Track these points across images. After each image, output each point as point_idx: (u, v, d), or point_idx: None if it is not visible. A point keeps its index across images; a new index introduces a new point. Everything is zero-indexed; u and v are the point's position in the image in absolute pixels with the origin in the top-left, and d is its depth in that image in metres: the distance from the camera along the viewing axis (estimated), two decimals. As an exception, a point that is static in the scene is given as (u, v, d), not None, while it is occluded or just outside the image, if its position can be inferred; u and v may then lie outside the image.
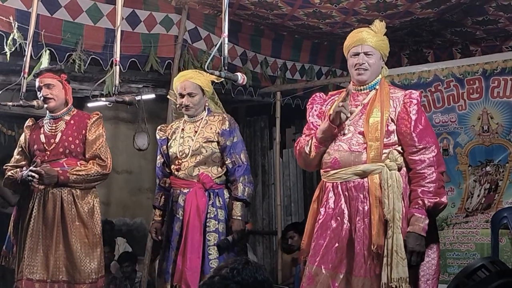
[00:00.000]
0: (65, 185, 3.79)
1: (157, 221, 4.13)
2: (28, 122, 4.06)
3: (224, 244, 3.85)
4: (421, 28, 5.80)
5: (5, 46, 4.25)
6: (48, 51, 4.46)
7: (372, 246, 2.99)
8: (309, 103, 3.42)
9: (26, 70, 4.03)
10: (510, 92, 5.07)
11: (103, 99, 3.85)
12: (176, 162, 3.98)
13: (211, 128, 3.96)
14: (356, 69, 3.19)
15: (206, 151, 3.91)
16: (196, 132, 3.96)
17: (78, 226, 3.80)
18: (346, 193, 3.11)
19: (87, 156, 3.89)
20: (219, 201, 3.93)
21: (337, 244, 3.08)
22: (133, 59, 4.99)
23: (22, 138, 4.04)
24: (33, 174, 3.70)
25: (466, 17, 5.50)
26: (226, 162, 3.94)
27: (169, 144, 4.07)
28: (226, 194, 3.97)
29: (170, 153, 4.04)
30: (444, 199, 3.07)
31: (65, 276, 3.75)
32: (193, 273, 3.76)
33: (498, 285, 2.97)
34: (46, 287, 3.71)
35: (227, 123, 3.95)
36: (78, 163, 3.87)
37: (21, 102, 4.00)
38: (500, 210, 4.79)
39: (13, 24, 4.24)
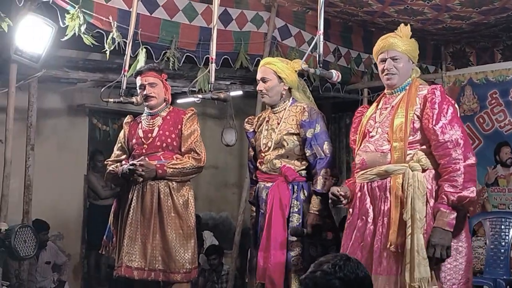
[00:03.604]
0: (163, 178, 3.91)
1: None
2: (127, 119, 4.21)
3: (297, 231, 3.63)
4: (518, 24, 5.60)
5: (105, 45, 4.42)
6: (144, 49, 4.60)
7: (388, 244, 2.98)
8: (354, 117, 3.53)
9: (127, 68, 4.22)
10: None
11: (200, 95, 3.94)
12: (260, 156, 3.81)
13: (292, 120, 3.73)
14: (385, 75, 3.25)
15: (288, 144, 3.69)
16: (278, 123, 3.76)
17: (174, 217, 3.90)
18: (371, 193, 3.14)
19: (182, 150, 4.00)
20: (303, 194, 3.69)
21: (362, 243, 3.13)
22: (226, 56, 5.09)
23: (121, 134, 4.18)
24: (134, 167, 3.82)
25: None
26: (307, 155, 3.67)
27: (255, 136, 3.93)
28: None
29: (256, 146, 3.89)
30: (468, 193, 2.92)
31: (161, 265, 3.86)
32: (278, 270, 3.58)
33: None
34: (143, 274, 3.83)
35: (306, 113, 3.69)
36: (174, 156, 3.97)
37: (121, 98, 4.20)
38: None
39: (112, 24, 4.40)
